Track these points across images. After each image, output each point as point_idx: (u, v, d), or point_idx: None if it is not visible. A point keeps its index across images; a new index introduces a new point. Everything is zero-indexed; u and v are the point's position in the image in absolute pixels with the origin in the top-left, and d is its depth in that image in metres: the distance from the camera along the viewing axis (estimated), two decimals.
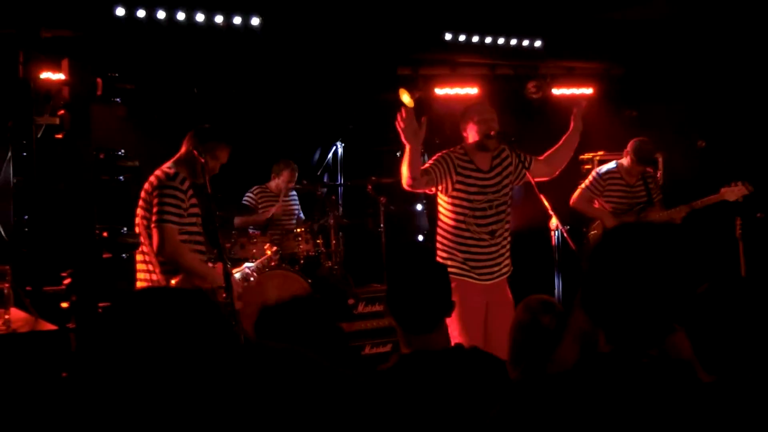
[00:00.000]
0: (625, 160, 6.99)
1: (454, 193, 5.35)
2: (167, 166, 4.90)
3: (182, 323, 1.63)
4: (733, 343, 2.29)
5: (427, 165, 5.34)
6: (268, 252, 6.41)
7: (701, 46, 8.51)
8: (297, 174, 8.00)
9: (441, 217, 5.51)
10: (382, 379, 2.81)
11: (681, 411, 1.97)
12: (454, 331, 5.17)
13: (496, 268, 5.43)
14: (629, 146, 6.94)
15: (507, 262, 5.52)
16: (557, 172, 5.72)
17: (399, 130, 5.00)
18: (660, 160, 8.28)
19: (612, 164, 7.12)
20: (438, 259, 5.49)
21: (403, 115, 4.95)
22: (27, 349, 3.27)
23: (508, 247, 5.53)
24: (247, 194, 7.95)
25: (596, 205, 7.01)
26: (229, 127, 5.19)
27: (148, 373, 1.57)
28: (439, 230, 5.55)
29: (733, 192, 6.80)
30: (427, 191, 5.48)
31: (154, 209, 4.69)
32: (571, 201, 6.99)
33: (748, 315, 2.31)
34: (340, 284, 7.02)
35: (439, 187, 5.36)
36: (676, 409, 1.96)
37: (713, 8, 7.86)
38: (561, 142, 5.72)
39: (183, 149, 4.99)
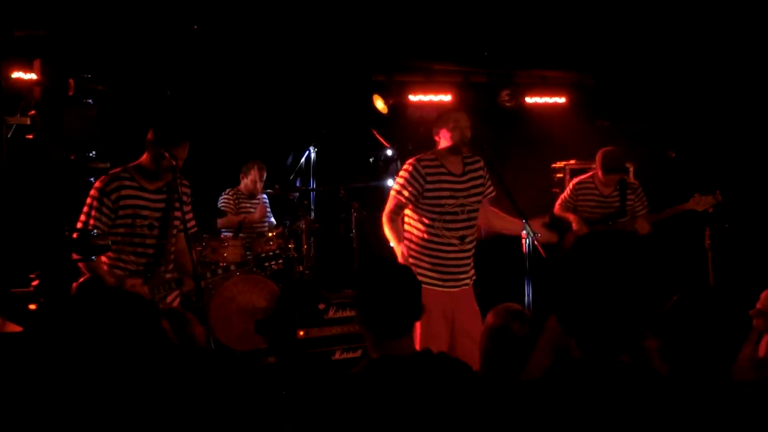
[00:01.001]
0: (598, 171, 7.03)
1: (425, 200, 5.32)
2: (123, 167, 4.89)
3: (110, 324, 1.63)
4: (702, 351, 2.32)
5: (400, 196, 5.32)
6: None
7: (673, 58, 8.60)
8: (265, 173, 7.96)
9: (410, 221, 5.43)
10: (350, 383, 2.82)
11: (650, 415, 1.99)
12: (417, 339, 5.14)
13: (462, 276, 5.40)
14: (597, 157, 6.99)
15: (472, 269, 5.51)
16: (485, 224, 5.73)
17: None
18: (631, 169, 8.35)
19: (588, 175, 7.15)
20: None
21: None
22: None
23: (473, 254, 5.52)
24: (223, 197, 7.92)
25: (575, 212, 7.08)
26: (186, 122, 5.14)
27: (83, 370, 1.57)
28: (406, 235, 5.48)
29: (701, 202, 6.85)
30: None
31: None
32: (555, 209, 7.14)
33: (716, 324, 2.34)
34: (311, 289, 7.01)
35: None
36: (645, 414, 1.99)
37: (685, 18, 7.94)
38: (508, 218, 5.58)
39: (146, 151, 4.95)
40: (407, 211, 5.42)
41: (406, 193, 5.32)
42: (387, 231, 5.42)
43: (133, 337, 1.67)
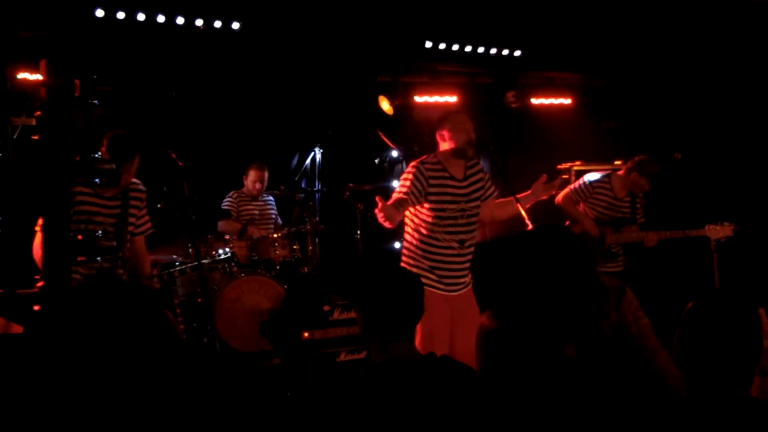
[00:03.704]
0: (623, 174, 6.94)
1: (427, 204, 5.30)
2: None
3: (118, 317, 1.62)
4: (719, 358, 2.32)
5: (401, 193, 5.27)
6: None
7: (680, 59, 8.59)
8: (265, 173, 7.92)
9: (409, 224, 5.42)
10: (354, 387, 2.82)
11: (583, 408, 2.01)
12: (417, 341, 5.12)
13: (461, 279, 5.39)
14: (636, 162, 6.88)
15: (469, 272, 5.48)
16: (495, 219, 5.69)
17: (380, 218, 5.08)
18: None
19: (604, 174, 7.06)
20: (403, 265, 5.41)
21: (380, 210, 5.01)
22: None
23: (471, 258, 5.50)
24: (226, 199, 7.91)
25: (580, 208, 7.01)
26: (135, 137, 5.25)
27: (87, 366, 1.56)
28: (406, 237, 5.46)
29: (717, 231, 6.85)
30: None
31: None
32: (557, 199, 6.93)
33: (734, 331, 2.34)
34: (316, 290, 7.01)
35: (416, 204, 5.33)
36: (584, 409, 2.01)
37: (691, 21, 7.93)
38: (504, 204, 5.59)
39: None
40: (407, 214, 5.39)
41: (408, 196, 5.29)
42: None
43: (140, 329, 1.66)
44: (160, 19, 6.91)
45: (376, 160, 8.44)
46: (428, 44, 8.29)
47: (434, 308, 5.15)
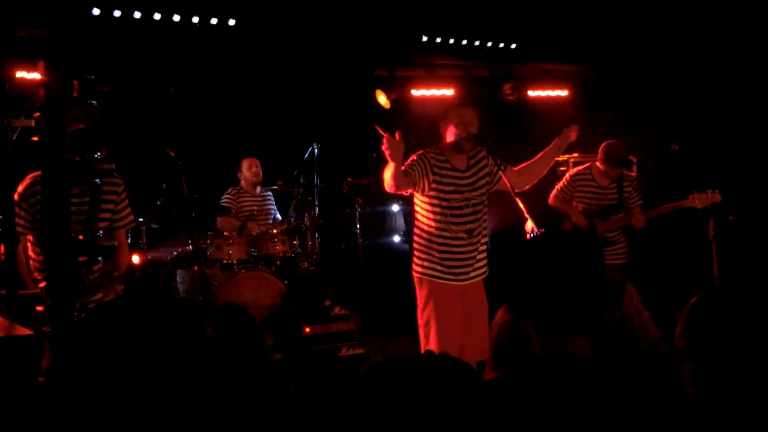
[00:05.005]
0: (598, 163, 7.06)
1: (431, 193, 5.35)
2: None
3: (161, 331, 1.62)
4: (727, 353, 2.32)
5: (406, 166, 5.35)
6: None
7: (676, 50, 8.59)
8: (256, 160, 7.94)
9: (418, 217, 5.50)
10: (354, 387, 2.84)
11: (599, 412, 2.06)
12: (432, 334, 5.18)
13: (470, 269, 5.43)
14: (600, 150, 7.02)
15: (483, 263, 5.52)
16: (527, 187, 5.72)
17: (384, 152, 5.04)
18: (634, 162, 8.35)
19: (584, 167, 7.19)
20: (414, 259, 5.52)
21: (386, 140, 5.00)
22: (2, 354, 3.26)
23: (484, 248, 5.54)
24: (225, 195, 7.92)
25: (574, 203, 7.11)
26: (103, 130, 5.18)
27: (124, 379, 1.57)
28: (416, 230, 5.54)
29: (701, 199, 6.87)
30: (403, 193, 5.45)
31: None
32: (549, 200, 7.17)
33: (741, 323, 2.34)
34: (317, 286, 7.03)
35: (417, 188, 5.36)
36: (595, 410, 2.04)
37: (689, 11, 7.93)
38: (537, 157, 5.71)
39: None
40: (417, 202, 5.48)
41: (413, 171, 5.30)
42: (388, 173, 5.19)
43: (180, 345, 1.66)
44: (157, 16, 6.91)
45: (375, 154, 8.44)
46: (424, 38, 8.31)
47: (447, 300, 5.23)
